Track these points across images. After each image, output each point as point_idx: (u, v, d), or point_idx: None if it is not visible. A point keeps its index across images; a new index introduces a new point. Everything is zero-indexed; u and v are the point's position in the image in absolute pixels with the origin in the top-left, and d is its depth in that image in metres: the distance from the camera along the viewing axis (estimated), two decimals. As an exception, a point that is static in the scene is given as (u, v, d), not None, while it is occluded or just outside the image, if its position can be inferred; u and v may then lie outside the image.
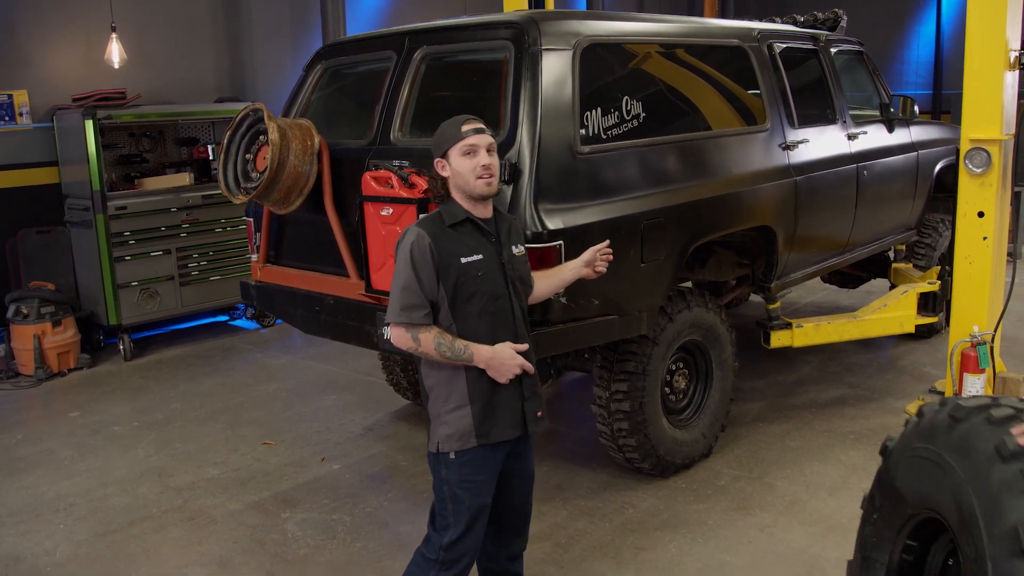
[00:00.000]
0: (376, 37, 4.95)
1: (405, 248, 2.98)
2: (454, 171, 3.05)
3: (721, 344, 5.02)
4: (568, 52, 4.12)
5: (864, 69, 6.60)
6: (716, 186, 4.73)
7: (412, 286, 2.95)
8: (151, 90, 8.43)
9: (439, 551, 3.08)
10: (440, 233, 3.00)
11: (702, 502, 4.63)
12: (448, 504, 3.07)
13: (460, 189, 3.06)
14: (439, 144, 3.09)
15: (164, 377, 7.14)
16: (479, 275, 3.02)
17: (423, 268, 2.95)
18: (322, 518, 4.63)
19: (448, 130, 3.07)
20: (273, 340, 8.17)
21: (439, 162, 3.09)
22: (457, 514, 3.06)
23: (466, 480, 3.05)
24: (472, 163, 3.03)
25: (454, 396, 3.03)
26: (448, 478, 3.05)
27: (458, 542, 3.07)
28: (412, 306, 2.95)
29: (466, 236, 3.05)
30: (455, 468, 3.04)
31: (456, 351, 2.97)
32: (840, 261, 6.15)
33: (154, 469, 5.33)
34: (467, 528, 3.06)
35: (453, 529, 3.06)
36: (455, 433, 3.02)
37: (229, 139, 4.67)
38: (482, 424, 3.03)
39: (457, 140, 3.04)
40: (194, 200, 7.92)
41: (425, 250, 2.95)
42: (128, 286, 7.54)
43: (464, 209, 3.06)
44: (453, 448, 3.03)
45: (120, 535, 4.54)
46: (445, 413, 3.04)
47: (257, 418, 6.13)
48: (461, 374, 3.02)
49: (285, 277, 5.00)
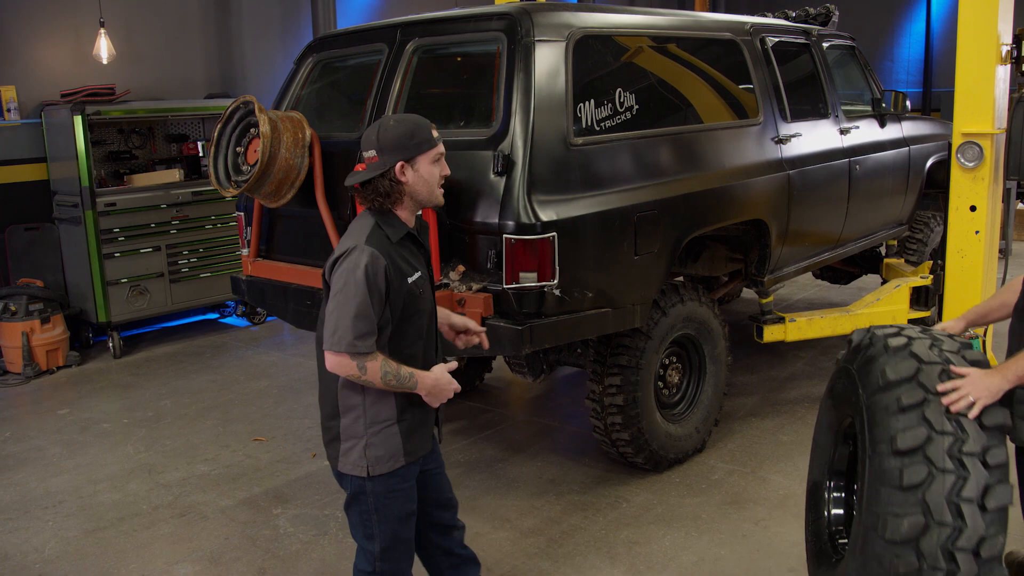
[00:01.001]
0: (368, 30, 4.92)
1: (358, 270, 2.66)
2: (420, 178, 2.81)
3: (714, 338, 5.01)
4: (561, 44, 4.10)
5: (856, 64, 6.60)
6: (710, 179, 4.72)
7: (366, 312, 2.66)
8: (140, 86, 8.39)
9: (375, 562, 2.93)
10: (391, 252, 2.75)
11: (696, 496, 4.62)
12: (372, 516, 2.88)
13: (415, 198, 2.83)
14: (409, 146, 2.78)
15: (154, 374, 7.09)
16: (420, 293, 2.84)
17: (375, 293, 2.68)
18: (314, 514, 4.60)
19: (420, 133, 2.81)
20: (264, 337, 8.13)
21: (402, 166, 2.78)
22: (382, 523, 2.89)
23: (393, 490, 2.88)
24: (439, 171, 2.86)
25: (381, 415, 2.82)
26: (374, 491, 2.85)
27: (389, 550, 2.92)
28: (364, 334, 2.67)
29: (408, 253, 2.84)
30: (381, 483, 2.85)
31: (401, 379, 2.75)
32: (832, 256, 6.15)
33: (144, 466, 5.29)
34: (395, 537, 2.92)
35: (379, 539, 2.90)
36: (385, 455, 2.82)
37: (220, 132, 4.63)
38: (408, 442, 2.86)
39: (432, 146, 2.83)
40: (184, 197, 7.87)
41: (379, 272, 2.68)
42: (117, 283, 7.49)
43: (403, 223, 2.84)
44: (383, 470, 2.83)
45: (110, 532, 4.50)
46: (372, 435, 2.81)
47: (248, 415, 6.10)
48: (390, 394, 2.81)
49: (276, 271, 4.97)
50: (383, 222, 2.81)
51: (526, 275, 3.83)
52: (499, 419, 5.85)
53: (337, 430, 2.86)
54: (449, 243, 4.08)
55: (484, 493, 4.76)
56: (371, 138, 2.81)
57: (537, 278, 3.83)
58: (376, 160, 2.78)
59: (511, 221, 3.83)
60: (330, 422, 2.89)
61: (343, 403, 2.84)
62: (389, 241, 2.77)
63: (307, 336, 7.87)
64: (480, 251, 3.95)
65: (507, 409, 6.09)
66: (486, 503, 4.64)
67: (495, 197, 3.89)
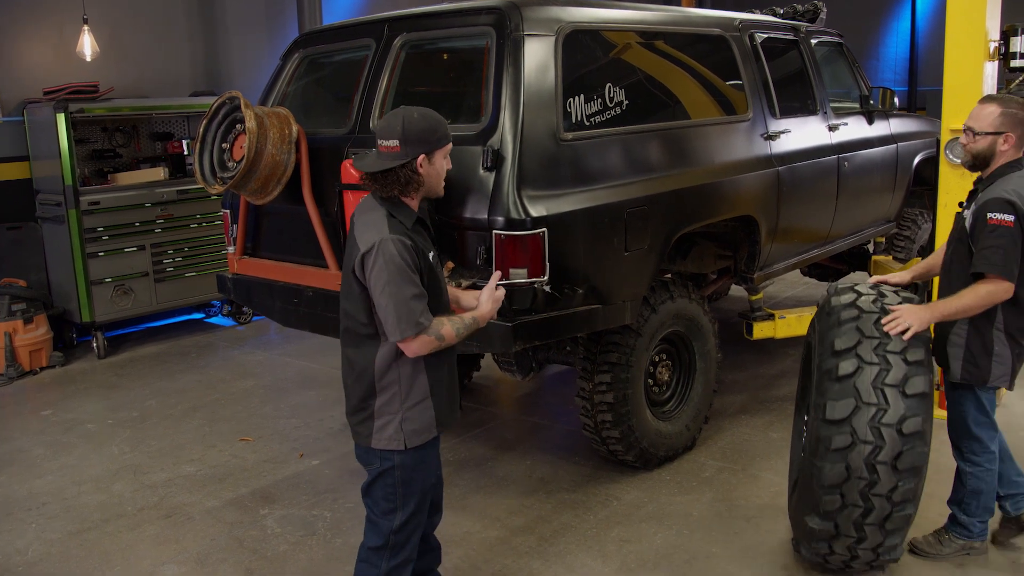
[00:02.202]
0: (355, 25, 4.87)
1: (395, 258, 2.78)
2: (434, 171, 2.96)
3: (704, 335, 4.99)
4: (551, 38, 4.06)
5: (844, 61, 6.60)
6: (700, 175, 4.69)
7: (418, 291, 2.81)
8: (124, 84, 8.30)
9: (388, 535, 3.05)
10: (409, 234, 2.88)
11: (687, 494, 4.60)
12: (398, 488, 3.02)
13: (426, 189, 2.98)
14: (431, 140, 2.90)
15: (139, 374, 7.02)
16: (438, 272, 3.02)
17: (416, 271, 2.83)
18: (301, 514, 4.55)
19: (441, 128, 2.94)
20: (250, 337, 8.07)
21: (423, 159, 2.90)
22: (407, 496, 3.03)
23: (420, 463, 3.03)
24: (447, 165, 3.03)
25: (415, 391, 2.97)
26: (403, 463, 2.99)
27: (408, 522, 3.05)
28: (424, 310, 2.82)
29: (420, 237, 2.97)
30: (410, 456, 3.00)
31: (467, 325, 2.96)
32: (821, 253, 6.14)
33: (129, 467, 5.23)
34: (417, 508, 3.06)
35: (401, 512, 3.03)
36: (420, 427, 2.98)
37: (205, 128, 4.58)
38: (441, 414, 3.04)
39: (449, 141, 2.98)
40: (169, 195, 7.80)
41: (410, 250, 2.81)
42: (101, 283, 7.41)
43: (412, 210, 2.97)
44: (417, 443, 2.98)
45: (94, 533, 4.44)
46: (407, 410, 2.96)
47: (234, 415, 6.04)
48: (422, 368, 2.96)
49: (263, 269, 4.92)
50: (394, 211, 2.91)
51: (516, 271, 3.79)
52: (488, 417, 5.82)
53: (372, 409, 2.98)
54: (438, 239, 4.02)
55: (474, 492, 4.72)
56: (394, 128, 2.87)
57: (527, 274, 3.79)
58: (398, 150, 2.86)
59: (501, 217, 3.79)
60: (364, 403, 2.99)
61: (380, 383, 2.95)
62: (404, 227, 2.88)
63: (294, 335, 7.81)
64: (469, 247, 3.91)
65: (496, 407, 6.06)
66: (476, 502, 4.61)
67: (484, 193, 3.85)
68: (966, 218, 3.55)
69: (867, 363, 3.40)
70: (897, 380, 3.37)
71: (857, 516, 3.41)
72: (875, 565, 3.66)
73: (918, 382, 3.36)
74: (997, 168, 3.52)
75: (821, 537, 3.52)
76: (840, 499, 3.39)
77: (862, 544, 3.49)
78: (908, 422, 3.32)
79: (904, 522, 3.44)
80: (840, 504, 3.41)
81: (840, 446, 3.35)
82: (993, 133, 3.48)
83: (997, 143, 3.49)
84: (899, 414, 3.33)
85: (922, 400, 3.35)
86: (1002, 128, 3.47)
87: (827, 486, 3.39)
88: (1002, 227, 3.33)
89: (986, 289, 3.37)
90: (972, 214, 3.49)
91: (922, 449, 3.34)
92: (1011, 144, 3.48)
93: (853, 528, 3.44)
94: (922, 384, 3.36)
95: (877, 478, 3.33)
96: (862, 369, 3.40)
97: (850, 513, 3.41)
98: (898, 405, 3.33)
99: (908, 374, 3.37)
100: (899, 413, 3.33)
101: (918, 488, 3.40)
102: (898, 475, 3.33)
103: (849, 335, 3.48)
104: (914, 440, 3.32)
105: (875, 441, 3.32)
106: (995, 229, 3.34)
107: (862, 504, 3.38)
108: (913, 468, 3.33)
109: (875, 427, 3.33)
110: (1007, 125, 3.47)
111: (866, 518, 3.41)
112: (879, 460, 3.32)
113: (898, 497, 3.36)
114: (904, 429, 3.31)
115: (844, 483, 3.37)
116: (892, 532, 3.45)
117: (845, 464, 3.35)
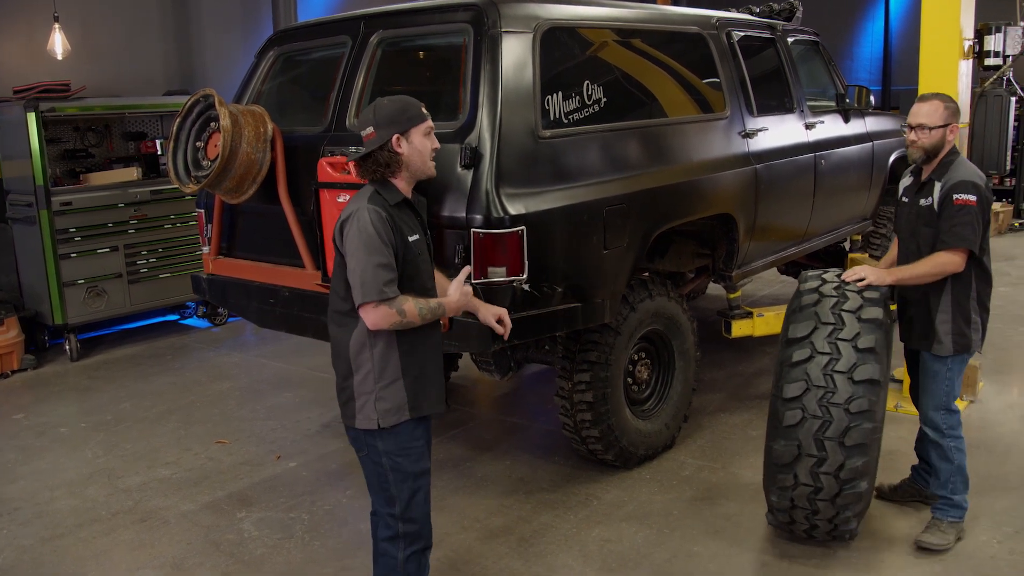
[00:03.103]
0: (331, 22, 4.83)
1: (368, 226, 2.89)
2: (414, 149, 3.04)
3: (683, 334, 4.99)
4: (528, 35, 4.04)
5: (820, 59, 6.62)
6: (679, 172, 4.69)
7: (386, 260, 2.89)
8: (97, 83, 8.21)
9: (397, 524, 3.10)
10: (389, 210, 2.98)
11: (667, 493, 4.59)
12: (389, 475, 3.07)
13: (410, 168, 3.05)
14: (402, 120, 3.02)
15: (112, 377, 6.93)
16: (419, 254, 3.06)
17: (387, 242, 2.90)
18: (279, 517, 4.50)
19: (411, 108, 3.05)
20: (225, 338, 7.99)
21: (398, 138, 3.01)
22: (400, 483, 3.07)
23: (404, 447, 3.07)
24: (431, 144, 3.09)
25: (388, 371, 3.02)
26: (386, 450, 3.05)
27: (409, 509, 3.10)
28: (390, 280, 2.89)
29: (406, 216, 3.05)
30: (391, 439, 3.05)
31: (432, 309, 2.99)
32: (798, 251, 6.15)
33: (103, 470, 5.15)
34: (413, 494, 3.10)
35: (399, 501, 3.09)
36: (392, 407, 3.03)
37: (179, 126, 4.52)
38: (414, 398, 3.06)
39: (423, 119, 3.06)
40: (142, 196, 7.71)
41: (385, 223, 2.91)
42: (74, 284, 7.31)
43: (399, 191, 3.06)
44: (390, 422, 3.02)
45: (68, 539, 4.37)
46: (380, 389, 3.02)
47: (210, 417, 5.97)
48: (394, 348, 3.01)
49: (238, 269, 4.86)
50: (381, 189, 3.03)
51: (495, 270, 3.76)
52: (466, 418, 5.79)
53: (352, 389, 3.05)
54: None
55: (452, 493, 4.69)
56: (367, 117, 3.04)
57: (506, 273, 3.77)
58: (374, 136, 3.01)
59: (479, 215, 3.76)
60: (345, 382, 3.08)
61: (355, 362, 3.03)
62: (387, 203, 2.99)
63: (270, 336, 7.74)
64: (447, 246, 3.87)
65: (474, 408, 6.03)
66: (454, 503, 4.58)
67: (462, 191, 3.82)
68: (927, 205, 3.85)
69: (819, 352, 3.67)
70: (847, 368, 3.61)
71: (810, 492, 3.64)
72: (835, 535, 3.86)
73: (867, 369, 3.59)
74: (944, 157, 3.86)
75: (781, 508, 3.78)
76: (793, 477, 3.65)
77: (818, 516, 3.72)
78: (856, 402, 3.56)
79: (855, 499, 3.63)
80: (794, 481, 3.65)
81: (791, 423, 3.62)
82: (943, 125, 3.81)
83: (945, 134, 3.82)
84: (847, 395, 3.57)
85: (870, 386, 3.58)
86: (949, 120, 3.82)
87: (781, 464, 3.66)
88: (968, 206, 3.70)
89: (945, 258, 3.72)
90: (939, 199, 3.79)
91: (870, 426, 3.55)
92: (955, 134, 3.86)
93: (807, 502, 3.67)
94: (871, 372, 3.59)
95: (826, 454, 3.57)
96: (814, 357, 3.67)
97: (803, 490, 3.65)
98: (846, 388, 3.59)
99: (858, 362, 3.61)
100: (847, 394, 3.57)
101: (868, 468, 3.61)
102: (846, 451, 3.55)
103: (807, 322, 3.74)
104: (861, 418, 3.55)
105: (824, 417, 3.58)
106: (962, 208, 3.70)
107: (812, 482, 3.62)
108: (860, 445, 3.54)
109: (824, 405, 3.59)
110: (951, 117, 3.84)
111: (818, 494, 3.63)
112: (827, 436, 3.57)
113: (846, 474, 3.57)
114: (852, 408, 3.56)
115: (796, 460, 3.62)
116: (845, 507, 3.65)
117: (797, 442, 3.62)
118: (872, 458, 3.66)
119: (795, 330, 3.77)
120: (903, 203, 4.04)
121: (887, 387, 3.85)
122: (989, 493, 4.43)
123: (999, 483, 4.55)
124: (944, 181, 3.79)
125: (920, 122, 3.82)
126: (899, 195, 4.11)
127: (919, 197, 3.90)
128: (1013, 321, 7.46)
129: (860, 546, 3.98)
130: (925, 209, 3.85)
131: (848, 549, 3.95)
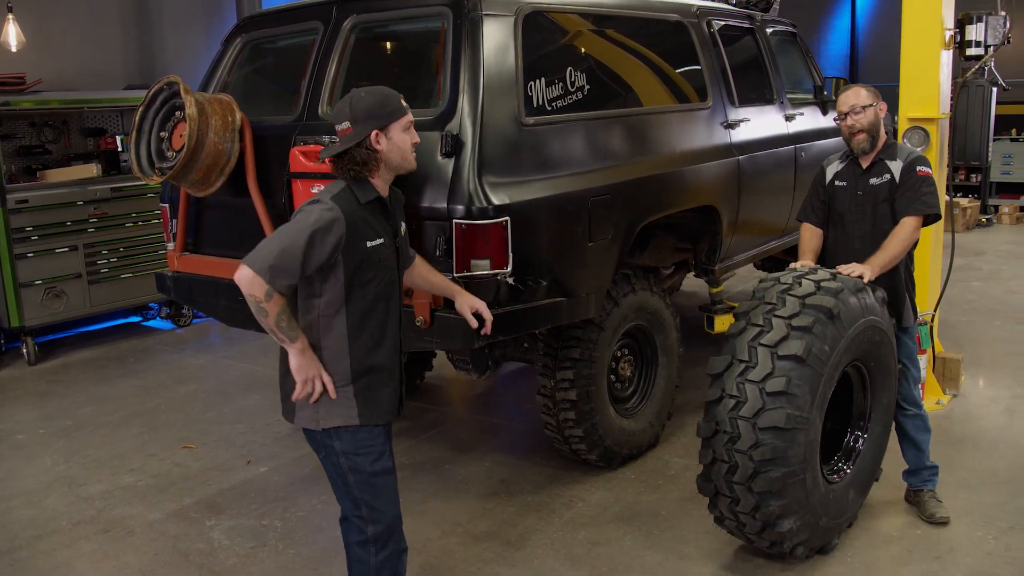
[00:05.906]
0: (301, 7, 4.64)
1: (310, 218, 2.73)
2: (393, 145, 2.90)
3: (666, 329, 4.88)
4: (510, 19, 3.89)
5: (798, 51, 6.56)
6: (664, 163, 4.58)
7: (295, 254, 2.70)
8: (53, 76, 7.94)
9: (367, 527, 2.98)
10: (354, 214, 2.81)
11: (653, 492, 4.46)
12: (348, 477, 2.94)
13: (388, 165, 2.92)
14: (381, 115, 2.87)
15: (73, 381, 6.68)
16: (379, 260, 2.89)
17: (319, 247, 2.73)
18: (251, 524, 4.31)
19: (391, 102, 2.90)
20: (190, 340, 7.75)
21: (377, 135, 2.85)
22: (362, 483, 2.94)
23: (360, 447, 2.92)
24: (411, 138, 2.96)
25: (338, 374, 2.88)
26: (343, 450, 2.92)
27: (376, 510, 2.96)
28: (284, 272, 2.70)
29: (373, 218, 2.90)
30: (348, 438, 2.91)
31: (287, 331, 2.78)
32: (780, 244, 6.09)
33: (63, 478, 4.92)
34: (376, 495, 2.96)
35: (363, 502, 2.95)
36: (336, 408, 2.89)
37: (141, 116, 4.31)
38: (363, 405, 2.91)
39: (403, 113, 2.92)
40: (103, 193, 7.45)
41: (330, 231, 2.73)
42: (31, 285, 7.04)
43: (375, 189, 2.91)
44: (332, 423, 2.89)
45: (26, 552, 4.15)
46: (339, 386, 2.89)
47: (176, 421, 5.76)
48: (346, 352, 2.87)
49: (205, 266, 4.67)
50: (355, 185, 2.88)
51: (478, 263, 3.61)
52: (443, 418, 5.63)
53: (291, 385, 2.88)
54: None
55: (432, 496, 4.53)
56: (343, 111, 2.88)
57: (490, 266, 3.62)
58: (350, 131, 2.85)
59: (461, 205, 3.61)
60: (286, 378, 2.92)
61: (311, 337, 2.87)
62: (357, 202, 2.84)
63: (237, 337, 7.52)
64: (428, 238, 3.71)
65: (450, 408, 5.88)
66: (435, 507, 4.41)
67: (443, 180, 3.66)
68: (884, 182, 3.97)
69: (752, 324, 3.57)
70: (773, 342, 3.47)
71: (725, 471, 3.50)
72: (773, 543, 3.59)
73: (794, 345, 3.43)
74: (888, 140, 4.03)
75: (707, 492, 3.63)
76: (711, 453, 3.54)
77: (739, 506, 3.51)
78: (772, 381, 3.41)
79: (769, 484, 3.42)
80: (711, 458, 3.54)
81: (711, 398, 3.54)
82: (871, 104, 3.95)
83: (877, 112, 3.96)
84: (765, 372, 3.43)
85: (795, 363, 3.42)
86: (874, 99, 3.97)
87: (702, 440, 3.58)
88: (930, 177, 3.91)
89: (912, 224, 3.86)
90: (901, 173, 3.94)
91: (786, 410, 3.38)
92: (884, 111, 4.01)
93: (725, 486, 3.52)
94: (798, 347, 3.43)
95: (738, 434, 3.43)
96: (746, 329, 3.58)
97: (719, 468, 3.52)
98: (766, 364, 3.44)
99: (785, 336, 3.46)
100: (765, 371, 3.43)
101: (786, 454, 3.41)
102: (759, 433, 3.40)
103: (752, 303, 3.69)
104: (777, 399, 3.39)
105: (738, 396, 3.46)
106: (925, 179, 3.90)
107: (727, 459, 3.47)
108: (774, 428, 3.38)
109: (741, 383, 3.47)
110: (875, 97, 3.98)
111: (732, 475, 3.47)
112: (741, 415, 3.43)
113: (759, 456, 3.39)
114: (768, 388, 3.41)
115: (712, 437, 3.52)
116: (763, 495, 3.44)
117: (715, 419, 3.51)
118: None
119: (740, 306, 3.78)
120: (839, 187, 4.10)
121: None
122: (979, 488, 4.37)
123: (988, 477, 4.48)
124: (901, 158, 3.97)
125: (851, 103, 3.94)
126: (827, 181, 4.15)
127: (869, 177, 4.01)
128: (988, 315, 7.45)
129: (855, 544, 3.89)
130: (882, 187, 3.97)
131: (843, 547, 3.85)
